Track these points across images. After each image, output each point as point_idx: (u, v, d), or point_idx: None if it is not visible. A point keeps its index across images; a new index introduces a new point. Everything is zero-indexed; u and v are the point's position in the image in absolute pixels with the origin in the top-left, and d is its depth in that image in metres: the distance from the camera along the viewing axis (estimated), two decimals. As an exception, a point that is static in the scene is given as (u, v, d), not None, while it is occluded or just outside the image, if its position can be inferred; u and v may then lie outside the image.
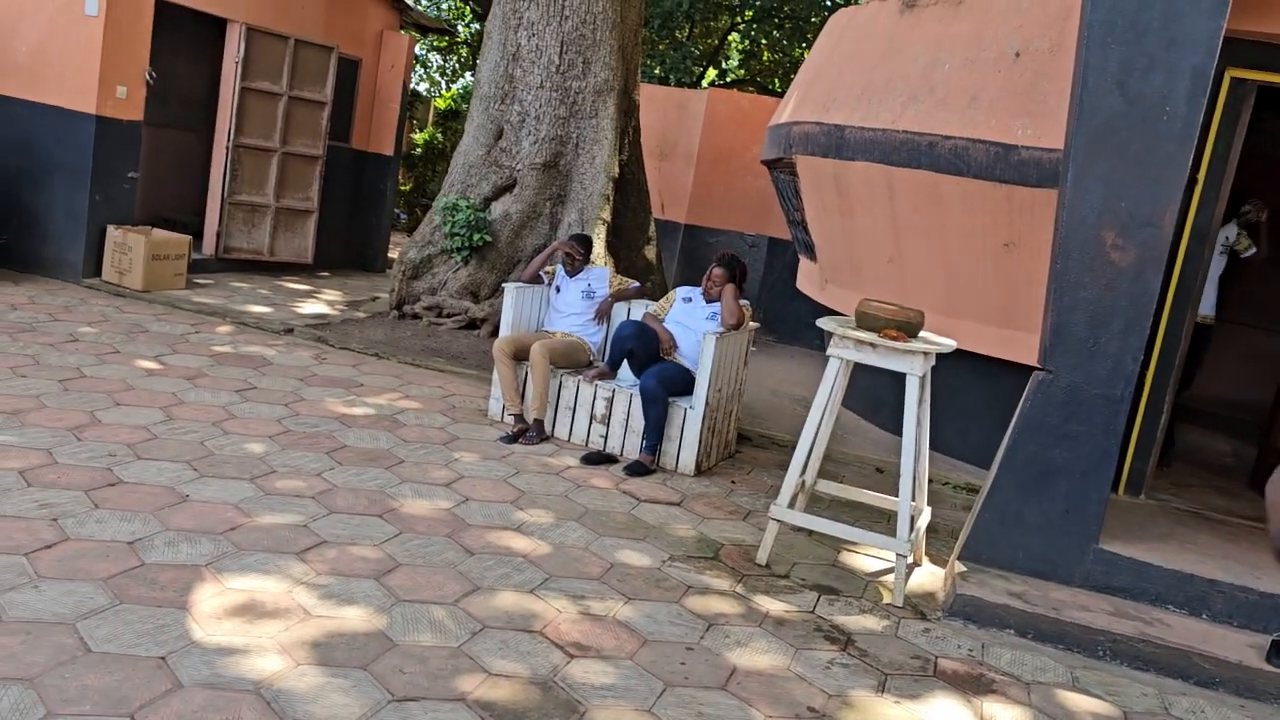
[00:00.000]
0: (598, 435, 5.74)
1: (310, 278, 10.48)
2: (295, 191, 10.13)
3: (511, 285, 6.13)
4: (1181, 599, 4.24)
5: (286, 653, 3.01)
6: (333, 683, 2.89)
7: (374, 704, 2.81)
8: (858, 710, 3.24)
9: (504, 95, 8.41)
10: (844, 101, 6.69)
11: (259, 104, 9.53)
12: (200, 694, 2.72)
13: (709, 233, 11.45)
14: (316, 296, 9.41)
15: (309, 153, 10.12)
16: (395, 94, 11.49)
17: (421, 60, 22.41)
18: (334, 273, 11.12)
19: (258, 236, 9.93)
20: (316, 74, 10.02)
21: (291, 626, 3.18)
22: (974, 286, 6.13)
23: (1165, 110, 3.95)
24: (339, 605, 3.37)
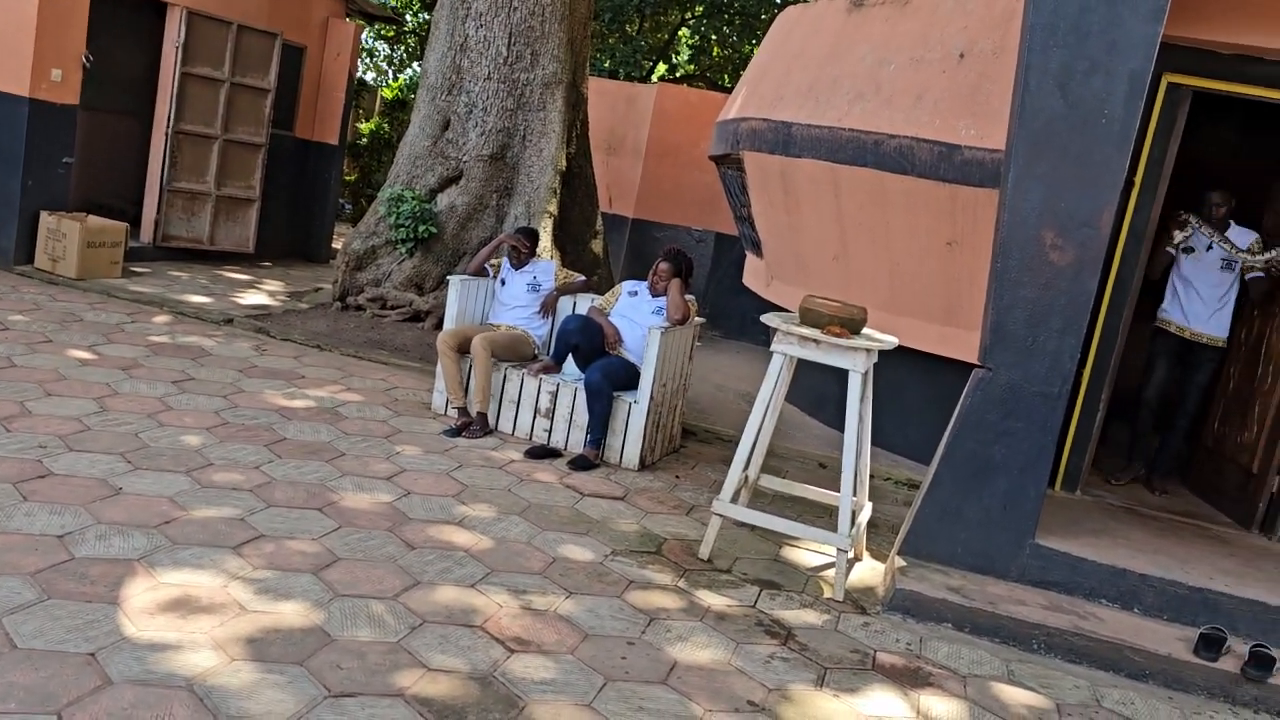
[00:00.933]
0: (542, 429, 5.71)
1: (251, 268, 10.29)
2: (237, 180, 9.93)
3: (456, 278, 6.07)
4: (1114, 593, 4.33)
5: (221, 648, 2.95)
6: (268, 679, 2.83)
7: (310, 700, 2.76)
8: (797, 704, 3.26)
9: (451, 86, 8.32)
10: (791, 99, 6.72)
11: (200, 90, 9.33)
12: (130, 691, 2.65)
13: (656, 227, 11.45)
14: (258, 287, 9.24)
15: (251, 140, 9.93)
16: (341, 83, 11.32)
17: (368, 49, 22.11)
18: (276, 263, 10.93)
19: (198, 225, 9.72)
20: (260, 61, 9.83)
21: (226, 622, 3.11)
22: (917, 284, 6.20)
23: (1104, 113, 4.02)
24: (275, 600, 3.31)
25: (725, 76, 17.23)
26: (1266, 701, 3.86)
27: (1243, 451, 5.43)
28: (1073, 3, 3.98)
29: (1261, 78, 4.77)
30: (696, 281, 10.53)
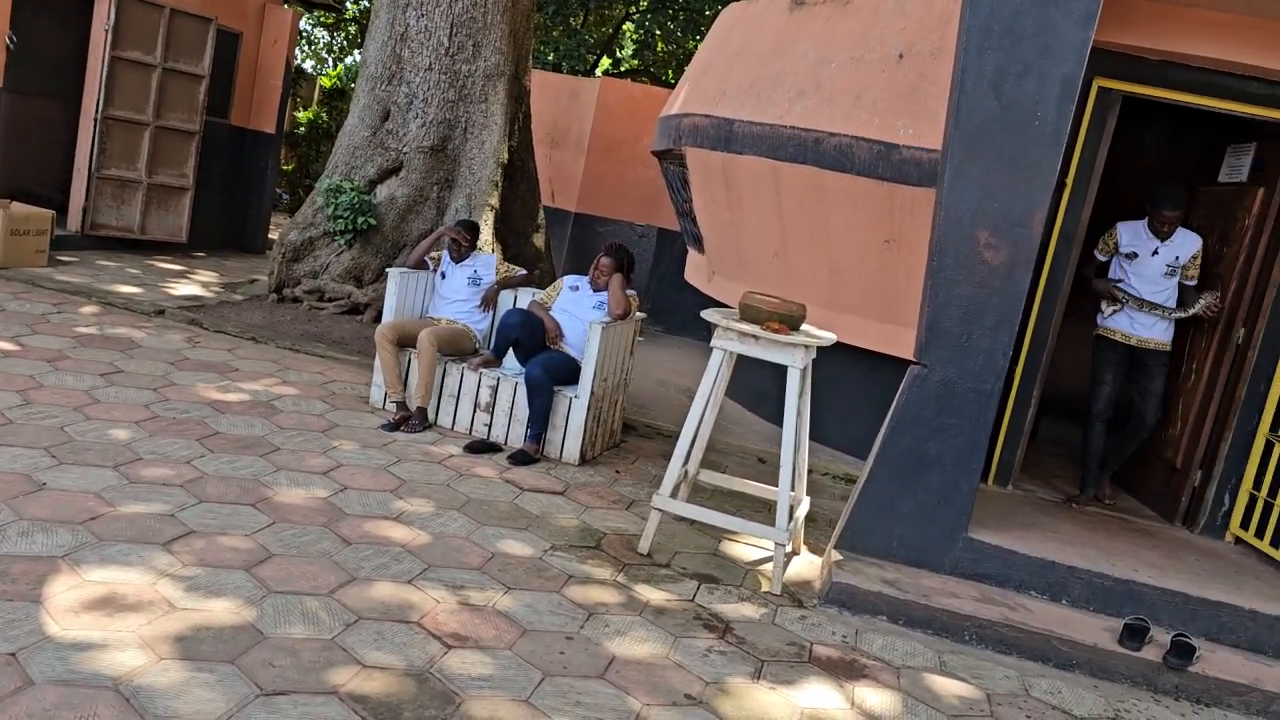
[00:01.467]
0: (481, 424, 5.67)
1: (184, 258, 10.06)
2: (169, 167, 9.70)
3: (396, 270, 6.00)
4: (1043, 585, 4.43)
5: (148, 647, 2.88)
6: (197, 677, 2.78)
7: (241, 699, 2.71)
8: (734, 697, 3.28)
9: (391, 76, 8.22)
10: (733, 95, 6.75)
11: (131, 75, 9.09)
12: (53, 691, 2.58)
13: (599, 222, 11.43)
14: (190, 277, 9.04)
15: (185, 128, 9.71)
16: (278, 70, 11.11)
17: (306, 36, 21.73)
18: (210, 253, 10.70)
19: (128, 213, 9.48)
20: (193, 46, 9.61)
21: (155, 620, 3.04)
22: (856, 281, 6.28)
23: (1037, 115, 4.10)
24: (206, 597, 3.25)
25: (669, 72, 17.26)
26: (1186, 689, 3.98)
27: (1167, 447, 5.59)
28: (1007, 6, 4.06)
29: (1187, 83, 4.91)
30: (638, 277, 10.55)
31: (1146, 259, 5.29)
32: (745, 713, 3.19)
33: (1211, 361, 5.31)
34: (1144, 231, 5.31)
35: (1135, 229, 5.34)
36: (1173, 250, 5.26)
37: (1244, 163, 5.44)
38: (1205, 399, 5.30)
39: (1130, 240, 5.35)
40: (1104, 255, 5.48)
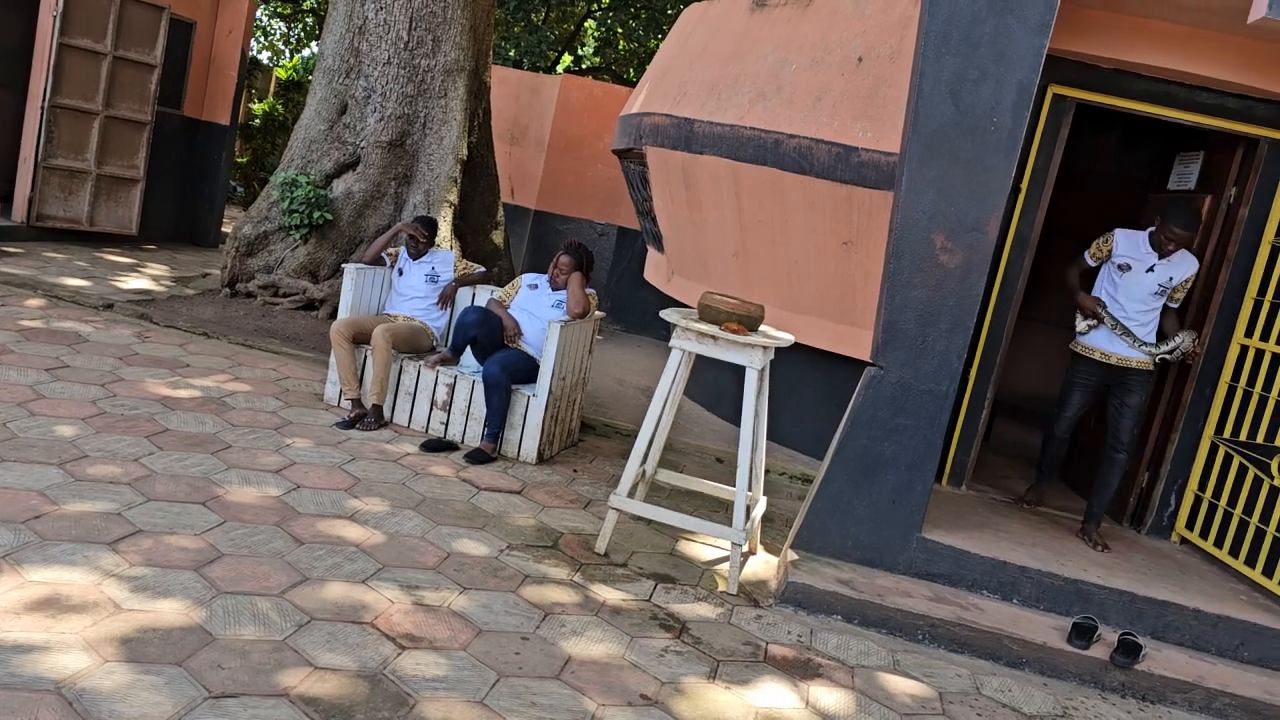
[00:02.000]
0: (438, 422, 5.63)
1: (134, 250, 9.87)
2: (120, 158, 9.52)
3: (352, 266, 5.93)
4: (995, 584, 4.49)
5: (93, 649, 2.82)
6: (144, 680, 2.72)
7: (188, 702, 2.66)
8: (689, 697, 3.28)
9: (349, 69, 8.12)
10: (694, 95, 6.76)
11: (80, 63, 8.90)
12: (-10, 696, 2.52)
13: (559, 220, 11.40)
14: (141, 270, 8.87)
15: (136, 118, 9.53)
16: (233, 60, 10.95)
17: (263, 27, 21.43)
18: (161, 246, 10.52)
19: (76, 204, 9.28)
20: (145, 34, 9.43)
21: (100, 621, 2.98)
22: (813, 282, 6.31)
23: (993, 121, 4.15)
24: (153, 598, 3.18)
25: (630, 70, 17.25)
26: (1133, 687, 4.05)
27: (1116, 449, 5.68)
28: (965, 12, 4.10)
29: (1138, 92, 4.99)
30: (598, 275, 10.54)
31: (1140, 274, 4.91)
32: (700, 713, 3.19)
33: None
34: (1144, 244, 4.93)
35: (1135, 240, 4.96)
36: (1169, 270, 4.89)
37: (1192, 171, 5.55)
38: (1154, 402, 5.40)
39: (1127, 250, 4.97)
40: (1094, 261, 5.11)
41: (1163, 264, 4.88)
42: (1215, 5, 4.36)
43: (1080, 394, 5.15)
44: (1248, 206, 5.04)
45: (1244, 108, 4.95)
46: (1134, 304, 4.95)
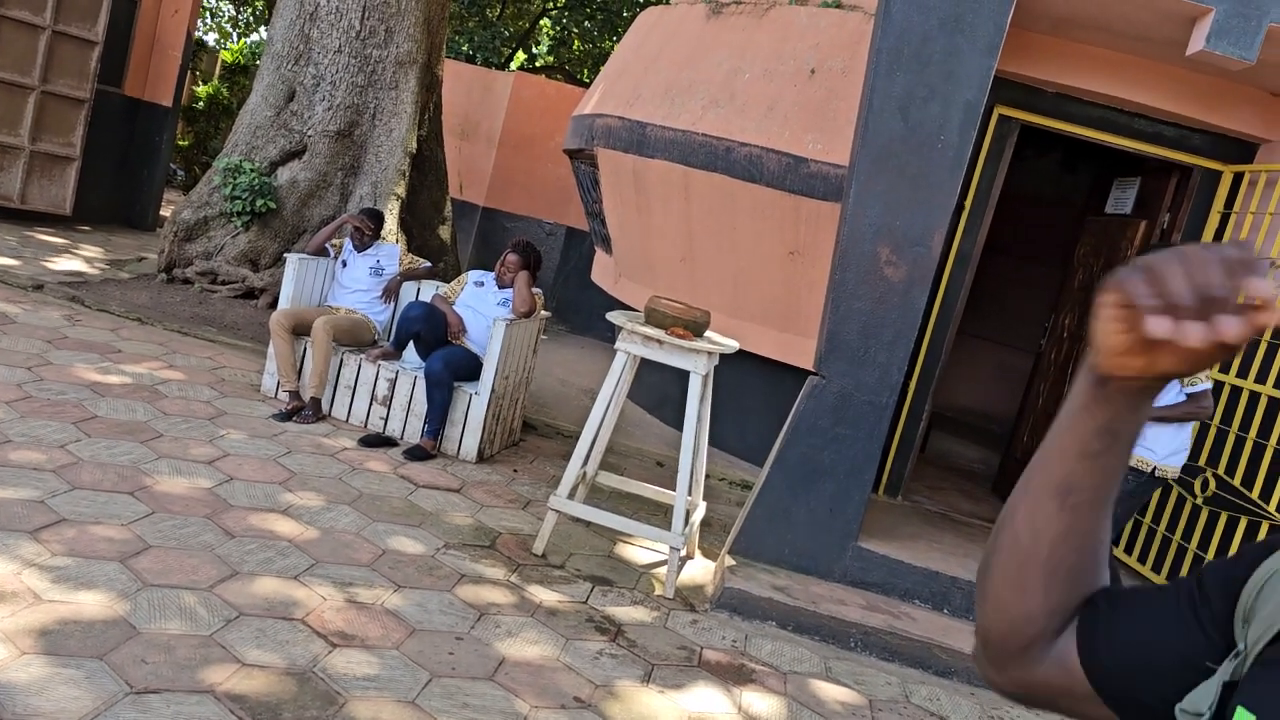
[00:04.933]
0: (378, 417, 5.56)
1: (68, 231, 9.60)
2: (55, 135, 9.26)
3: (294, 256, 5.83)
4: (927, 594, 4.56)
5: (10, 641, 2.73)
6: (62, 674, 2.64)
7: (109, 697, 2.59)
8: (622, 700, 3.28)
9: (298, 56, 7.99)
10: (648, 99, 6.77)
11: (15, 35, 8.64)
12: (-101, 687, 2.42)
13: (507, 217, 11.34)
14: (74, 252, 8.64)
15: (73, 95, 9.28)
16: (178, 40, 10.71)
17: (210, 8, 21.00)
18: (96, 228, 10.24)
19: (7, 181, 9.01)
20: (87, 9, 9.19)
21: (18, 612, 2.89)
22: (759, 290, 6.36)
23: (940, 139, 4.22)
24: (75, 589, 3.10)
25: (584, 71, 17.22)
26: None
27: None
28: (916, 31, 4.17)
29: (1080, 117, 5.12)
30: (545, 275, 10.50)
31: None
32: (633, 716, 3.19)
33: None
34: None
35: None
36: None
37: (1129, 196, 5.70)
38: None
39: None
40: None
41: None
42: (1156, 36, 4.48)
43: None
44: (1180, 232, 5.19)
45: (1179, 136, 5.09)
46: None
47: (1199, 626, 0.78)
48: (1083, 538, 0.82)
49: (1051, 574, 0.83)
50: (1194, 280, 0.67)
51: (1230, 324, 0.66)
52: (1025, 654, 0.87)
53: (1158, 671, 0.78)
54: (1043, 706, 0.89)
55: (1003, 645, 0.88)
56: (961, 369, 7.03)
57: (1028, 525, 0.83)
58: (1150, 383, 0.75)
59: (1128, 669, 0.80)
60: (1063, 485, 0.80)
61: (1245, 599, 0.74)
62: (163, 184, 11.35)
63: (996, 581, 0.87)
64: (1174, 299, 0.67)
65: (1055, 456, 0.81)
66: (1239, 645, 0.74)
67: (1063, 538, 0.82)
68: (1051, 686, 0.86)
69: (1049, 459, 0.82)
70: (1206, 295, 0.67)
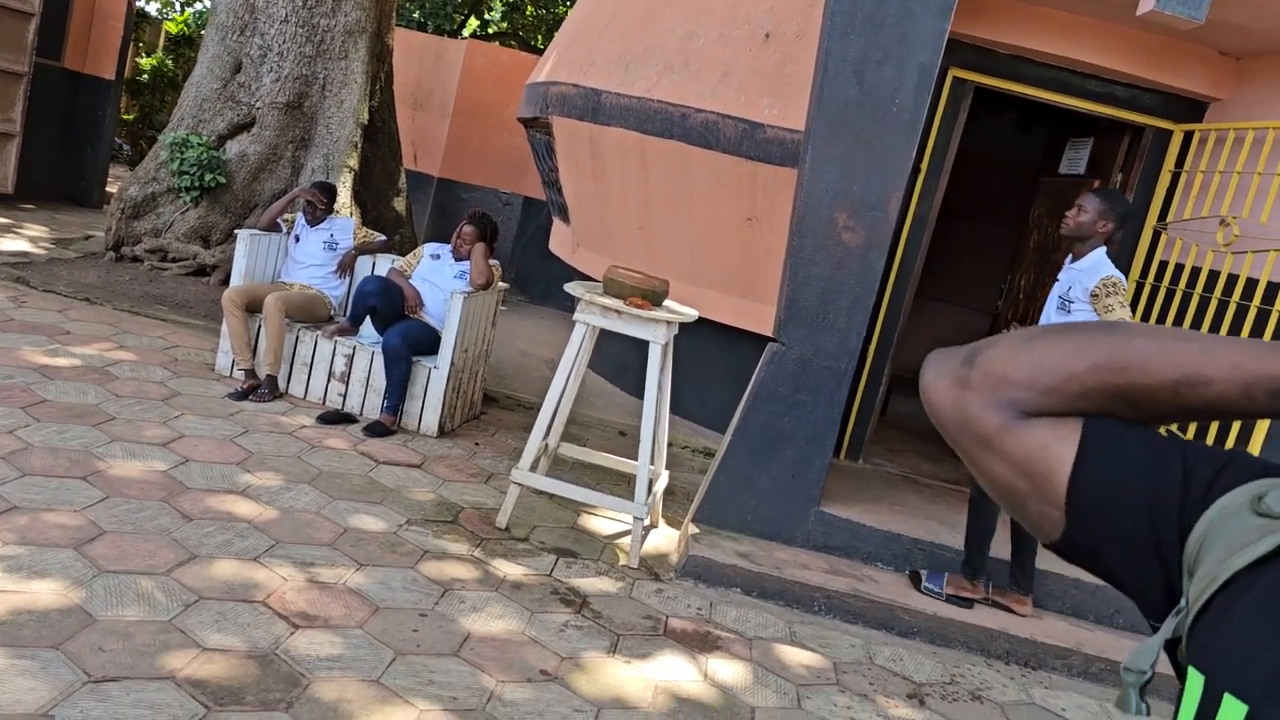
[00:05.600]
0: (336, 394, 5.50)
1: (10, 210, 9.35)
2: (-7, 111, 8.99)
3: (246, 232, 5.72)
4: (889, 556, 4.61)
5: (-40, 633, 2.68)
6: (17, 664, 2.60)
7: (66, 686, 2.55)
8: (589, 671, 3.29)
9: (244, 26, 7.80)
10: (602, 66, 6.69)
11: (-52, 7, 8.35)
12: None
13: (463, 188, 11.21)
14: (17, 231, 8.41)
15: (11, 69, 9.00)
16: (118, 11, 10.41)
17: (152, -23, 20.41)
18: (40, 206, 9.99)
19: (-55, 159, 8.75)
20: (22, -20, 8.89)
21: (-32, 604, 2.83)
22: (718, 258, 6.34)
23: (895, 102, 4.21)
24: (28, 578, 3.04)
25: (538, 37, 16.99)
26: (1016, 653, 4.21)
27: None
28: (871, -7, 4.14)
29: (1033, 78, 5.13)
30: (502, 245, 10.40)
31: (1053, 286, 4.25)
32: (599, 688, 3.20)
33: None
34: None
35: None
36: (1070, 278, 4.08)
37: (1082, 156, 5.74)
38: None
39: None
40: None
41: (1066, 270, 4.15)
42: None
43: None
44: (1133, 192, 5.23)
45: (1131, 96, 5.13)
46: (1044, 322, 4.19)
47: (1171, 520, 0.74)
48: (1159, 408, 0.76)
49: (1112, 386, 0.76)
50: None
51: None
52: (1024, 408, 0.79)
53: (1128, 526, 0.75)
54: (977, 454, 0.82)
55: (1016, 383, 0.79)
56: (920, 332, 7.09)
57: (1135, 355, 0.76)
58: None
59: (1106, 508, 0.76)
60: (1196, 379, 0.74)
61: (1190, 552, 0.73)
62: (108, 160, 11.08)
63: (1056, 347, 0.79)
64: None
65: (1224, 364, 0.73)
66: (1181, 601, 0.72)
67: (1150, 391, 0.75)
68: (1026, 454, 0.79)
69: (1223, 357, 0.73)
70: None
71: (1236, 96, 4.98)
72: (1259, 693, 0.64)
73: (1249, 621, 0.67)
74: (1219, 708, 0.66)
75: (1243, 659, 0.66)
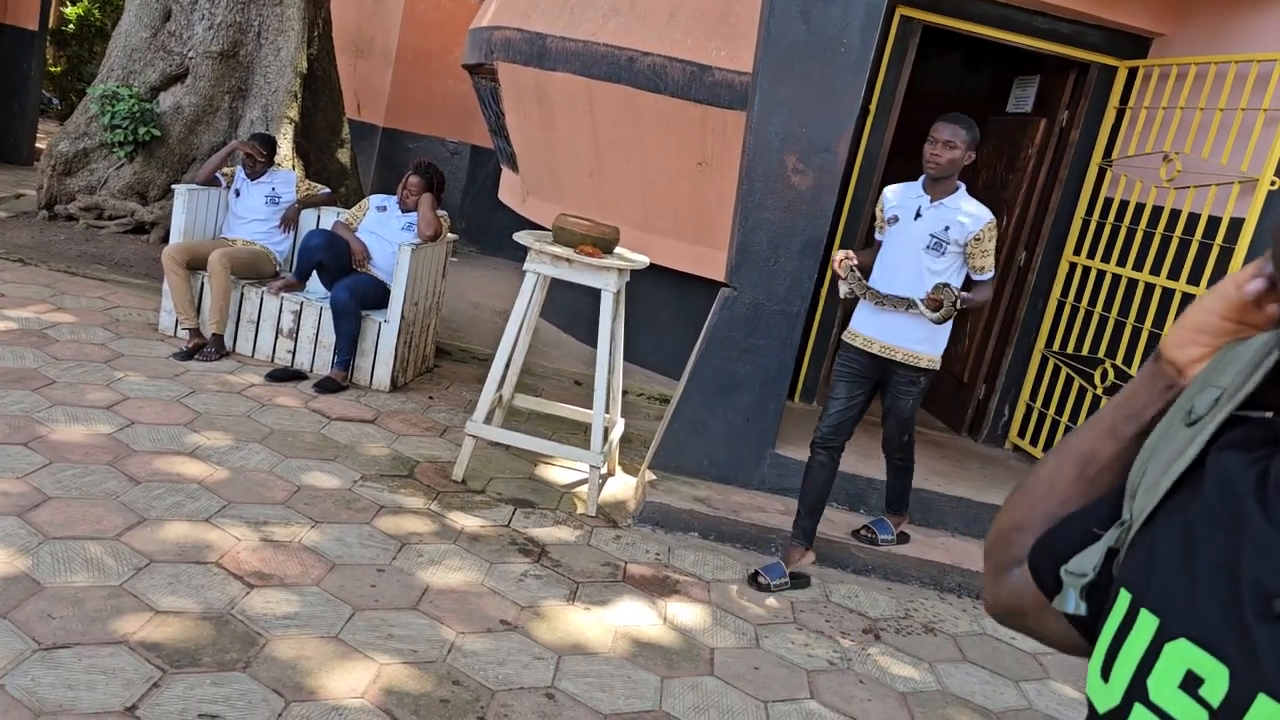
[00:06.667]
0: (285, 351, 5.41)
1: (-65, 169, 9.02)
2: (-89, 65, 8.61)
3: (183, 187, 5.56)
4: (844, 496, 4.67)
5: (-98, 606, 2.62)
6: (-37, 636, 2.55)
7: (16, 655, 2.51)
8: (548, 620, 3.30)
9: (173, -29, 7.52)
10: (546, 9, 6.56)
11: None
12: None
13: (408, 137, 10.99)
14: (-56, 191, 8.13)
15: (-72, 20, 8.61)
16: (39, -41, 9.99)
17: (75, -78, 19.59)
18: (-33, 164, 9.64)
19: None
20: (-66, -74, 8.48)
21: (-91, 575, 2.76)
22: (669, 203, 6.30)
23: (843, 42, 4.17)
24: (-29, 548, 2.97)
25: (480, -19, 16.62)
26: (967, 587, 4.30)
27: (956, 362, 5.94)
28: (816, -70, 4.08)
29: (979, 16, 5.11)
30: (450, 196, 10.25)
31: (907, 224, 3.81)
32: (560, 635, 3.22)
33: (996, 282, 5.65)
34: (915, 188, 3.86)
35: (905, 187, 3.91)
36: (943, 217, 3.74)
37: (1029, 94, 5.75)
38: (990, 317, 5.66)
39: (897, 200, 3.90)
40: (881, 234, 3.95)
41: (934, 208, 3.75)
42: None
43: (844, 386, 3.92)
44: (1078, 129, 5.26)
45: (1076, 33, 5.13)
46: (894, 268, 3.81)
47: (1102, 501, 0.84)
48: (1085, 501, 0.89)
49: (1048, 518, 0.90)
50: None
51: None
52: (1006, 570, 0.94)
53: (1069, 547, 0.83)
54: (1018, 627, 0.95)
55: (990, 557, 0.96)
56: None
57: (1047, 477, 0.92)
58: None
59: (1053, 553, 0.86)
60: (1086, 455, 0.88)
61: (1134, 474, 0.79)
62: (36, 114, 10.70)
63: (1007, 508, 0.96)
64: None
65: (1090, 428, 0.89)
66: (1124, 516, 0.77)
67: (1071, 500, 0.89)
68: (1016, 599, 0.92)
69: (1086, 429, 0.90)
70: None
71: (1179, 32, 5.01)
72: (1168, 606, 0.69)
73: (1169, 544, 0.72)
74: (1136, 621, 0.71)
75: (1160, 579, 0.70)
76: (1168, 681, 0.66)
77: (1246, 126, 4.29)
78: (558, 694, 2.88)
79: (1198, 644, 0.65)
